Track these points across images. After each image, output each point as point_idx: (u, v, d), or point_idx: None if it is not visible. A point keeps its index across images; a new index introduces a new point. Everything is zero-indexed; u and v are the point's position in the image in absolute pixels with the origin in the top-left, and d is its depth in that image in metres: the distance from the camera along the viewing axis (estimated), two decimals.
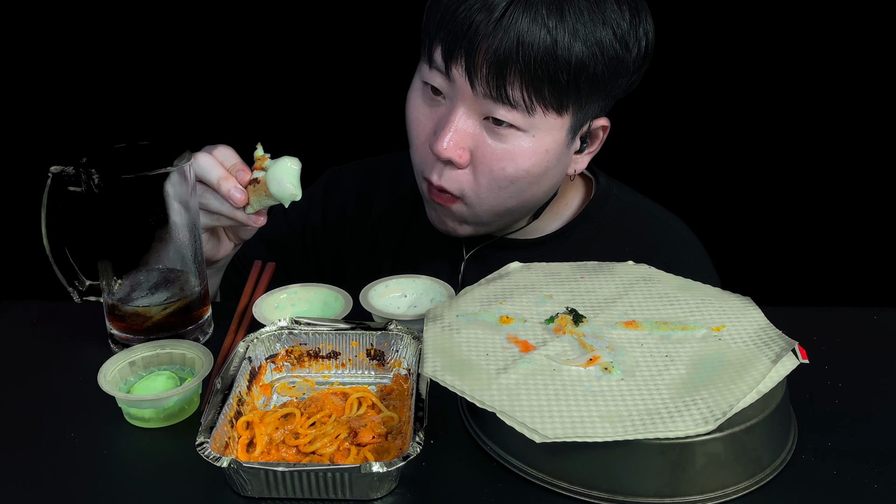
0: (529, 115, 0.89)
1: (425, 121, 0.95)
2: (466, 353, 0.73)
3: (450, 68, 0.89)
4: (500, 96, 0.87)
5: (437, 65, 0.90)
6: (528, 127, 0.90)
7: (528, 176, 0.93)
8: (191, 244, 0.86)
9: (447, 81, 0.90)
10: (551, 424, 0.64)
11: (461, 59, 0.87)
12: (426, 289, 0.92)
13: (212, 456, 0.63)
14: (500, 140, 0.91)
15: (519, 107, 0.88)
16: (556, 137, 0.92)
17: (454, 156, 0.91)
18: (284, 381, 0.80)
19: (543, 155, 0.92)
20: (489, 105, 0.89)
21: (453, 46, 0.88)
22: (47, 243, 0.85)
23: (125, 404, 0.75)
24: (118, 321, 0.86)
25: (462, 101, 0.90)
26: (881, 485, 0.67)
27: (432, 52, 0.91)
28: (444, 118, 0.92)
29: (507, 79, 0.86)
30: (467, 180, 0.94)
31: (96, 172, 0.80)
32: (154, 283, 0.85)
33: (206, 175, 0.86)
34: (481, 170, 0.92)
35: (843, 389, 0.80)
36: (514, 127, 0.90)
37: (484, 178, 0.93)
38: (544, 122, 0.90)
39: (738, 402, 0.66)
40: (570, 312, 0.79)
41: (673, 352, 0.73)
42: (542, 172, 0.94)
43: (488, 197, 0.95)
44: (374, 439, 0.70)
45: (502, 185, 0.93)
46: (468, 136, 0.91)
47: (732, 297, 0.82)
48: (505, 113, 0.89)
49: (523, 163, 0.92)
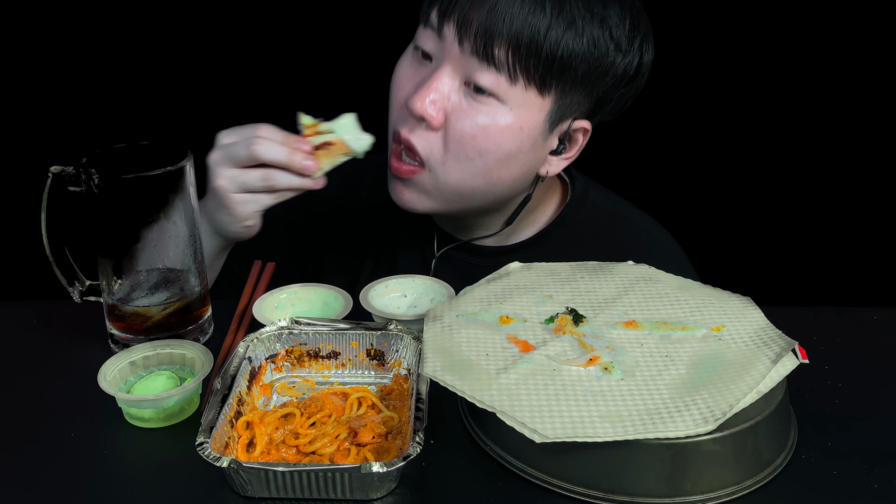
0: (511, 84, 0.89)
1: (407, 81, 0.95)
2: (466, 353, 0.73)
3: (442, 26, 0.90)
4: (486, 55, 0.88)
5: (431, 23, 0.92)
6: (506, 98, 0.90)
7: (497, 150, 0.92)
8: (191, 244, 0.86)
9: (437, 40, 0.92)
10: (551, 424, 0.64)
11: (455, 14, 0.89)
12: (426, 289, 0.92)
13: (212, 456, 0.63)
14: (477, 107, 0.91)
15: (502, 69, 0.89)
16: (534, 119, 0.92)
17: (428, 113, 0.91)
18: (284, 381, 0.80)
19: (517, 132, 0.92)
20: (473, 66, 0.90)
21: (449, 7, 0.90)
22: (47, 243, 0.85)
23: (125, 404, 0.75)
24: (118, 321, 0.86)
25: (448, 61, 0.91)
26: (881, 485, 0.67)
27: (429, 13, 0.92)
28: (426, 77, 0.93)
29: (495, 40, 0.87)
30: (436, 143, 0.93)
31: (96, 172, 0.80)
32: (154, 283, 0.85)
33: (270, 155, 0.88)
34: (452, 134, 0.92)
35: (843, 389, 0.80)
36: (493, 97, 0.90)
37: (453, 143, 0.92)
38: (524, 97, 0.90)
39: (738, 402, 0.66)
40: (570, 312, 0.79)
41: (673, 352, 0.73)
42: (513, 152, 0.93)
43: (454, 167, 0.94)
44: (374, 439, 0.70)
45: (470, 154, 0.92)
46: (446, 97, 0.91)
47: (732, 297, 0.82)
48: (487, 76, 0.89)
49: (495, 134, 0.91)
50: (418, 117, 0.92)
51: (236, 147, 0.89)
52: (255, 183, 0.90)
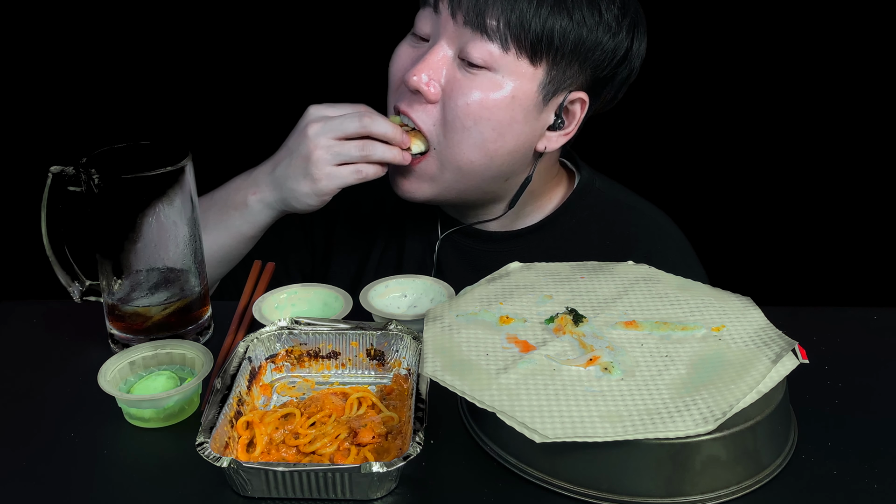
0: (503, 52, 0.92)
1: (405, 59, 0.99)
2: (466, 353, 0.73)
3: (438, 2, 0.94)
4: (478, 25, 0.91)
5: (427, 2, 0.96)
6: (498, 68, 0.93)
7: (492, 119, 0.94)
8: (191, 244, 0.86)
9: (434, 18, 0.95)
10: (551, 424, 0.64)
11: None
12: (426, 289, 0.92)
13: (212, 456, 0.63)
14: (471, 77, 0.94)
15: (495, 37, 0.91)
16: (526, 88, 0.94)
17: (423, 86, 0.94)
18: (284, 381, 0.80)
19: (510, 101, 0.94)
20: (466, 37, 0.93)
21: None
22: (47, 243, 0.85)
23: (125, 404, 0.75)
24: (118, 321, 0.86)
25: (443, 36, 0.94)
26: (881, 485, 0.67)
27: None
28: (422, 54, 0.96)
29: (488, 11, 0.91)
30: (435, 116, 0.96)
31: (96, 172, 0.80)
32: (154, 283, 0.85)
33: (378, 128, 0.93)
34: (449, 106, 0.95)
35: (843, 389, 0.80)
36: (486, 68, 0.93)
37: (450, 114, 0.95)
38: (516, 65, 0.93)
39: (738, 402, 0.66)
40: (570, 312, 0.79)
41: (673, 352, 0.73)
42: (507, 122, 0.95)
43: (452, 139, 0.96)
44: (374, 439, 0.70)
45: (466, 123, 0.94)
46: (440, 70, 0.94)
47: (732, 297, 0.82)
48: (480, 47, 0.92)
49: (489, 104, 0.94)
50: (414, 90, 0.95)
51: (345, 120, 0.93)
52: (352, 153, 0.93)
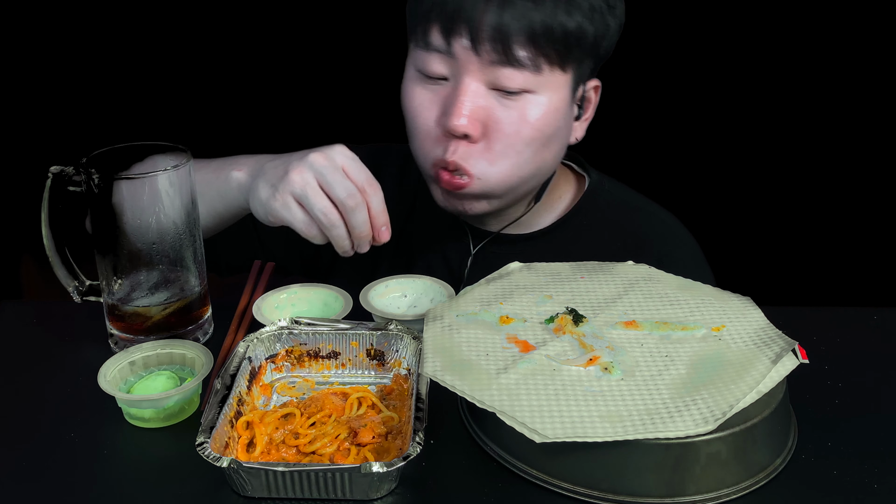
0: (537, 74, 0.90)
1: (430, 105, 0.94)
2: (466, 353, 0.73)
3: (451, 44, 0.89)
4: (507, 59, 0.88)
5: (436, 46, 0.91)
6: (536, 87, 0.91)
7: (541, 136, 0.94)
8: (191, 244, 0.86)
9: (448, 59, 0.91)
10: (551, 424, 0.64)
11: (464, 32, 0.88)
12: (426, 289, 0.92)
13: (212, 456, 0.63)
14: (512, 105, 0.91)
15: (526, 66, 0.89)
16: (562, 95, 0.94)
17: (470, 129, 0.91)
18: (284, 381, 0.80)
19: (554, 113, 0.93)
20: (495, 72, 0.89)
21: (453, 22, 0.88)
22: (47, 243, 0.85)
23: (125, 404, 0.75)
24: (118, 321, 0.86)
25: (467, 74, 0.90)
26: (881, 485, 0.67)
27: (428, 36, 0.91)
28: (450, 96, 0.92)
29: (512, 40, 0.87)
30: (481, 151, 0.93)
31: (96, 172, 0.80)
32: (154, 283, 0.85)
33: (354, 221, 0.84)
34: (496, 137, 0.92)
35: (843, 389, 0.80)
36: (524, 91, 0.91)
37: (499, 145, 0.92)
38: (551, 79, 0.91)
39: (738, 402, 0.66)
40: (570, 312, 0.79)
41: (673, 352, 0.73)
42: (554, 132, 0.95)
43: (503, 164, 0.94)
44: (374, 439, 0.70)
45: (518, 149, 0.93)
46: (480, 108, 0.91)
47: (732, 297, 0.82)
48: (513, 75, 0.89)
49: (537, 123, 0.92)
50: (461, 136, 0.91)
51: (341, 183, 0.83)
52: (316, 210, 0.84)
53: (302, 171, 0.84)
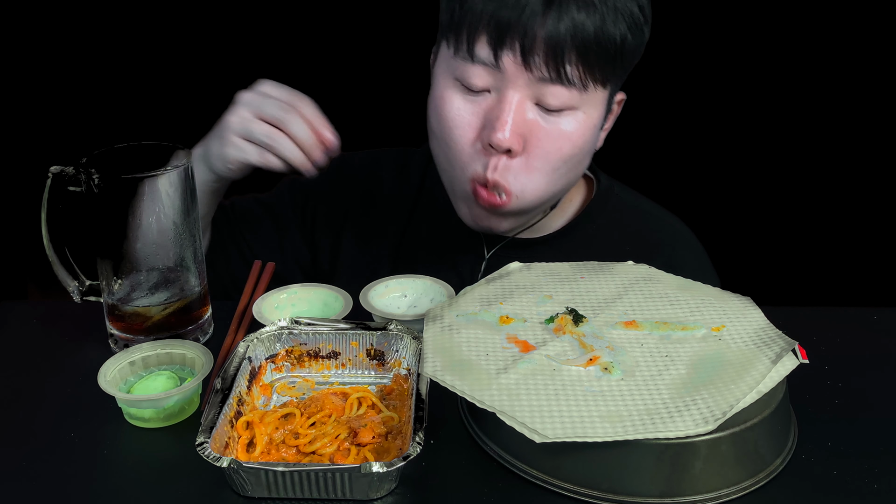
0: (583, 92, 0.89)
1: (470, 117, 0.92)
2: (466, 353, 0.73)
3: (499, 57, 0.87)
4: (558, 76, 0.87)
5: (482, 57, 0.88)
6: (579, 104, 0.90)
7: (580, 153, 0.93)
8: (191, 244, 0.86)
9: (494, 72, 0.88)
10: (551, 424, 0.64)
11: (515, 46, 0.86)
12: (426, 289, 0.92)
13: (212, 456, 0.63)
14: (555, 121, 0.90)
15: (575, 85, 0.88)
16: (600, 111, 0.93)
17: (514, 144, 0.89)
18: (284, 381, 0.80)
19: (592, 130, 0.93)
20: (542, 89, 0.88)
21: (504, 35, 0.86)
22: (47, 243, 0.85)
23: (125, 404, 0.75)
24: (118, 321, 0.86)
25: (514, 88, 0.88)
26: (881, 485, 0.67)
27: (474, 45, 0.89)
28: (494, 109, 0.90)
29: (565, 58, 0.86)
30: (521, 167, 0.92)
31: (96, 172, 0.80)
32: (154, 283, 0.85)
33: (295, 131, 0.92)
34: (536, 153, 0.91)
35: (843, 389, 0.80)
36: (566, 107, 0.90)
37: (538, 161, 0.91)
38: (594, 96, 0.91)
39: (738, 402, 0.66)
40: (570, 312, 0.79)
41: (673, 352, 0.73)
42: (590, 148, 0.95)
43: (540, 181, 0.93)
44: (374, 439, 0.70)
45: (556, 165, 0.92)
46: (524, 122, 0.90)
47: (732, 297, 0.82)
48: (559, 92, 0.88)
49: (578, 140, 0.91)
50: (505, 151, 0.90)
51: (270, 103, 0.92)
52: (258, 136, 0.92)
53: (235, 111, 0.94)
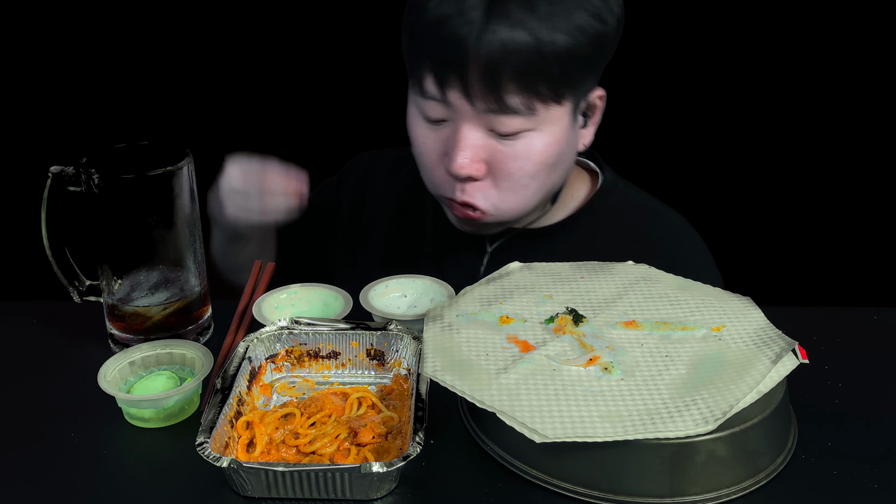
0: (532, 116, 0.90)
1: (433, 144, 0.96)
2: (466, 353, 0.73)
3: (445, 93, 0.90)
4: (500, 108, 0.89)
5: (431, 94, 0.92)
6: (534, 125, 0.91)
7: (546, 168, 0.95)
8: (191, 244, 0.86)
9: (445, 106, 0.92)
10: (551, 424, 0.64)
11: (455, 82, 0.89)
12: (426, 289, 0.92)
13: (212, 456, 0.63)
14: (512, 144, 0.92)
15: (520, 112, 0.89)
16: (562, 125, 0.94)
17: (472, 171, 0.92)
18: (284, 381, 0.80)
19: (556, 144, 0.94)
20: (491, 119, 0.90)
21: (444, 72, 0.89)
22: (47, 243, 0.85)
23: (125, 404, 0.75)
24: (118, 321, 0.86)
25: (465, 120, 0.91)
26: (881, 485, 0.67)
27: (423, 83, 0.92)
28: (451, 138, 0.93)
29: (502, 88, 0.87)
30: (489, 189, 0.95)
31: (96, 172, 0.80)
32: (154, 283, 0.85)
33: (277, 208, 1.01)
34: (501, 175, 0.94)
35: (843, 389, 0.80)
36: (521, 130, 0.91)
37: (505, 181, 0.94)
38: (548, 115, 0.91)
39: (738, 402, 0.66)
40: (570, 312, 0.79)
41: (673, 352, 0.73)
42: (557, 159, 0.96)
43: (512, 198, 0.96)
44: (374, 439, 0.70)
45: (524, 182, 0.94)
46: (480, 148, 0.92)
47: (732, 297, 0.82)
48: (509, 123, 0.90)
49: (539, 157, 0.93)
50: (465, 179, 0.93)
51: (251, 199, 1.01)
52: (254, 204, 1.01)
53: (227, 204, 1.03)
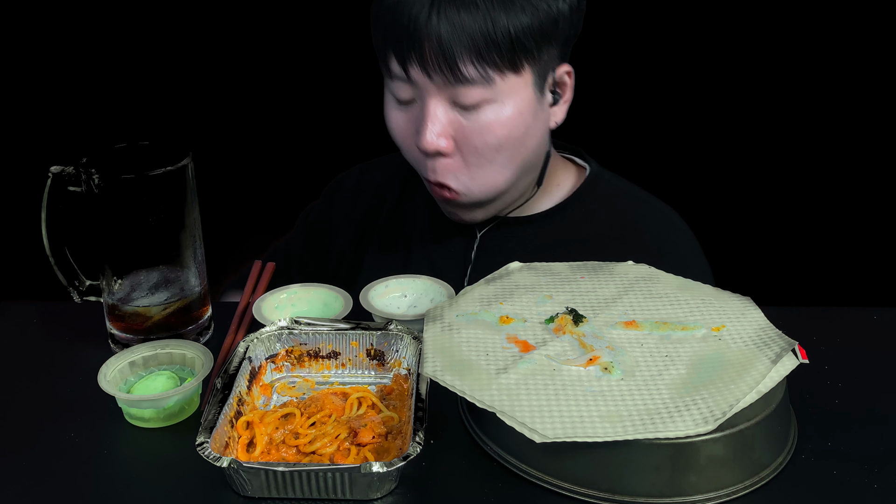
0: (490, 85, 0.92)
1: (405, 125, 0.99)
2: (466, 353, 0.73)
3: (408, 71, 0.94)
4: (456, 78, 0.91)
5: (397, 74, 0.95)
6: (493, 96, 0.93)
7: (511, 140, 0.96)
8: (191, 244, 0.86)
9: (410, 85, 0.95)
10: (551, 424, 0.64)
11: (414, 59, 0.92)
12: (426, 289, 0.92)
13: (212, 456, 0.63)
14: (475, 117, 0.94)
15: (477, 81, 0.92)
16: (524, 95, 0.95)
17: (440, 146, 0.95)
18: (284, 381, 0.80)
19: (518, 116, 0.95)
20: (452, 91, 0.93)
21: (403, 51, 0.93)
22: (47, 243, 0.85)
23: (125, 404, 0.75)
24: (118, 321, 0.86)
25: (429, 96, 0.94)
26: (881, 485, 0.67)
27: (389, 65, 0.96)
28: (419, 116, 0.96)
29: (457, 61, 0.90)
30: (458, 166, 0.97)
31: (96, 172, 0.80)
32: (154, 283, 0.85)
33: None
34: (468, 150, 0.96)
35: (843, 389, 0.80)
36: (483, 103, 0.94)
37: (472, 156, 0.96)
38: (506, 85, 0.93)
39: (738, 402, 0.66)
40: (570, 312, 0.79)
41: (673, 352, 0.73)
42: (524, 133, 0.97)
43: (482, 176, 0.98)
44: (374, 439, 0.70)
45: (489, 156, 0.96)
46: (446, 124, 0.95)
47: (732, 297, 0.82)
48: (469, 93, 0.93)
49: (501, 129, 0.95)
50: (434, 153, 0.96)
51: None
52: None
53: None
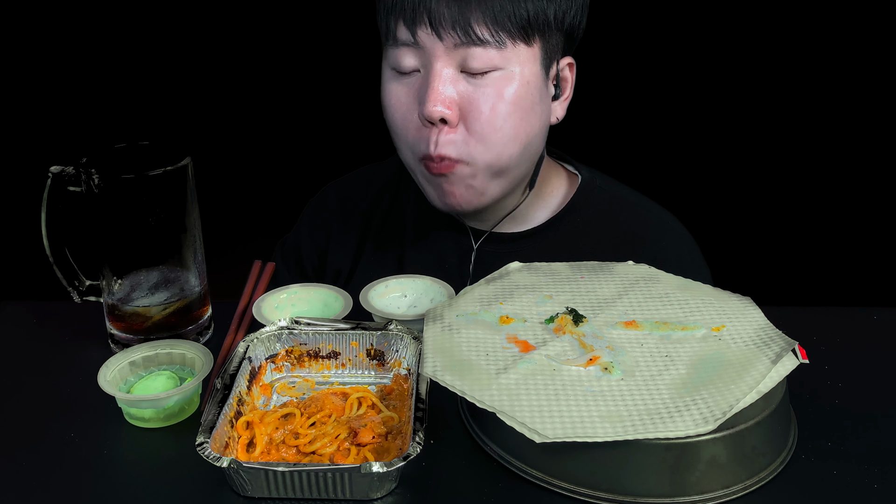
0: (501, 49, 0.91)
1: (406, 98, 0.96)
2: (466, 353, 0.73)
3: (416, 34, 0.92)
4: (469, 39, 0.90)
5: (403, 39, 0.93)
6: (503, 63, 0.92)
7: (518, 110, 0.94)
8: (191, 244, 0.86)
9: (416, 50, 0.93)
10: (551, 424, 0.64)
11: (425, 18, 0.91)
12: (426, 289, 0.92)
13: (212, 456, 0.63)
14: (483, 84, 0.93)
15: (489, 43, 0.91)
16: (532, 69, 0.95)
17: (445, 113, 0.92)
18: (284, 381, 0.80)
19: (526, 86, 0.94)
20: (462, 53, 0.91)
21: (414, 14, 0.91)
22: (47, 243, 0.85)
23: (125, 404, 0.75)
24: (118, 321, 0.86)
25: (436, 61, 0.92)
26: (881, 485, 0.67)
27: (395, 31, 0.94)
28: (423, 85, 0.94)
29: (471, 20, 0.90)
30: (463, 137, 0.94)
31: (96, 172, 0.80)
32: (154, 283, 0.85)
33: None
34: (473, 117, 0.93)
35: (843, 389, 0.80)
36: (492, 70, 0.92)
37: (478, 126, 0.94)
38: (516, 53, 0.93)
39: (738, 402, 0.66)
40: (570, 312, 0.79)
41: (673, 352, 0.73)
42: (529, 107, 0.96)
43: (485, 147, 0.95)
44: (374, 439, 0.70)
45: (497, 125, 0.94)
46: (455, 91, 0.93)
47: (732, 297, 0.82)
48: (479, 54, 0.91)
49: (510, 97, 0.93)
50: (438, 121, 0.93)
51: None
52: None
53: None
